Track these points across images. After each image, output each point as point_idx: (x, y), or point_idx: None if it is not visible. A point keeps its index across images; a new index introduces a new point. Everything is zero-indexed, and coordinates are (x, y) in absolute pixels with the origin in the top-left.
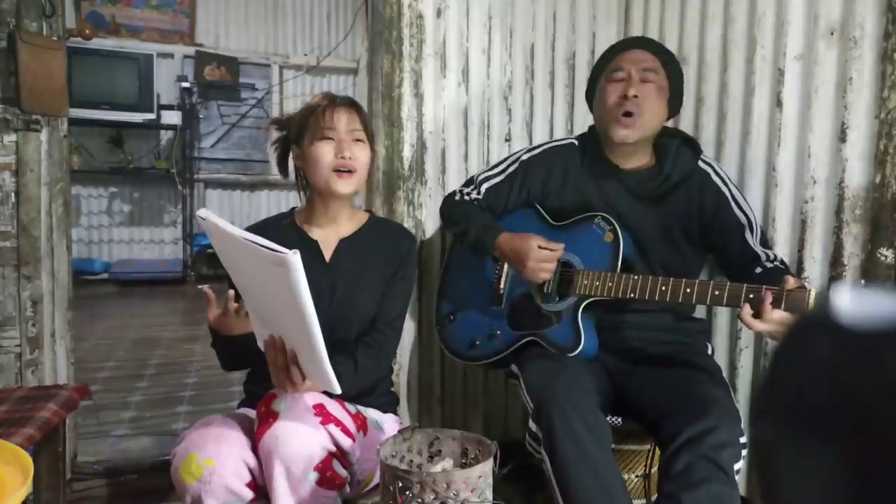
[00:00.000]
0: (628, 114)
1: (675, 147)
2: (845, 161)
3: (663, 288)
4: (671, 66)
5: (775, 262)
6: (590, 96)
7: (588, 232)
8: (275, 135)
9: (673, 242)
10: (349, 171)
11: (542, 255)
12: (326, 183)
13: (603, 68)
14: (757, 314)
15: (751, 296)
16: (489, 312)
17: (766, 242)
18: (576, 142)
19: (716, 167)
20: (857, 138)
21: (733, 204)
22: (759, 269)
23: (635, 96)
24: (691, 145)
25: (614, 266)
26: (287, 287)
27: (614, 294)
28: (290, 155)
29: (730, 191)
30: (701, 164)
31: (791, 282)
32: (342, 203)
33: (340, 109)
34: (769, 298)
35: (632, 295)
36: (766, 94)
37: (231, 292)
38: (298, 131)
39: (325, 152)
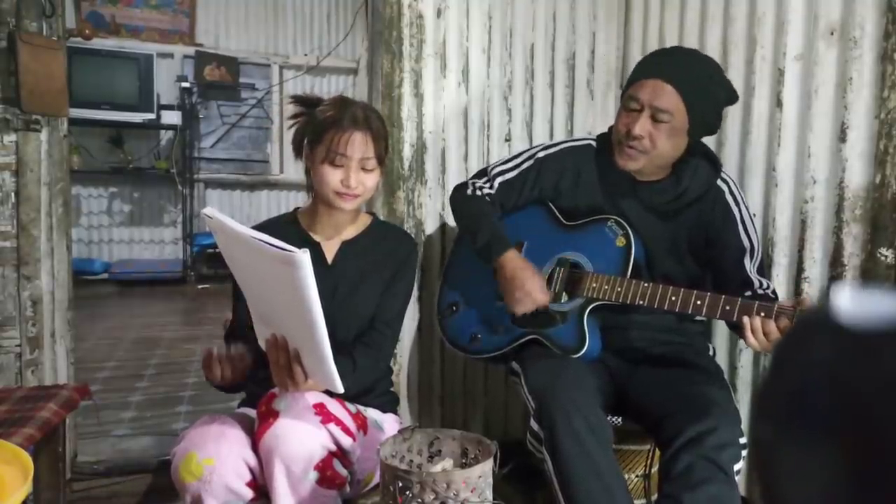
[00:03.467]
0: (632, 146)
1: (695, 163)
2: (845, 161)
3: (673, 298)
4: (695, 99)
5: (766, 291)
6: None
7: (600, 234)
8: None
9: (678, 256)
10: (353, 195)
11: (538, 294)
12: (328, 200)
13: (630, 82)
14: (765, 332)
15: (762, 313)
16: (493, 307)
17: (762, 271)
18: (593, 143)
19: (732, 186)
20: (856, 138)
21: (740, 226)
22: (748, 293)
23: (637, 137)
24: (712, 161)
25: (624, 271)
26: (294, 285)
27: (623, 299)
28: (304, 147)
29: (740, 213)
30: (719, 181)
31: (806, 301)
32: (345, 210)
33: (356, 136)
34: (781, 316)
35: (641, 302)
36: (766, 94)
37: (243, 351)
38: (314, 136)
39: (331, 175)
